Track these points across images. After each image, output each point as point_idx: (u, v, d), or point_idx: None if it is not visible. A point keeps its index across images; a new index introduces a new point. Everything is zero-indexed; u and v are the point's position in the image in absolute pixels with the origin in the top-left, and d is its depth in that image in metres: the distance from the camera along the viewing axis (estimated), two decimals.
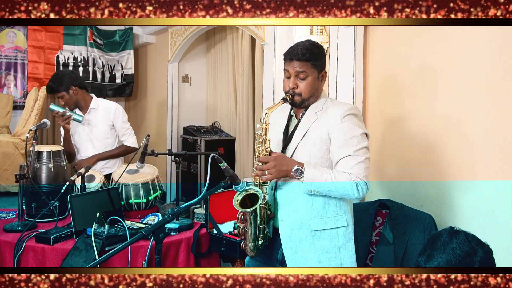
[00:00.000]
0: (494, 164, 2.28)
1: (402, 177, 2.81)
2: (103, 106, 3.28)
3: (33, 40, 5.93)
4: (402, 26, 2.73)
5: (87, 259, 2.16)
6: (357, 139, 1.87)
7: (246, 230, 1.97)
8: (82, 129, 3.25)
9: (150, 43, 6.52)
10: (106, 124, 3.26)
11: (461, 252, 1.29)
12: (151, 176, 2.90)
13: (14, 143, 5.25)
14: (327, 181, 1.83)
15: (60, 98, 3.16)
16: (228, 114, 5.72)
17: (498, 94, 2.26)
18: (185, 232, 2.54)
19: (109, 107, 3.29)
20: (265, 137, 1.90)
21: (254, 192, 1.88)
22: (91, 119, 3.24)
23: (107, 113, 3.26)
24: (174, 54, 5.74)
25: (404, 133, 2.80)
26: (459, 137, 2.45)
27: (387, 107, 2.94)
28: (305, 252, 1.92)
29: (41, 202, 2.60)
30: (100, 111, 3.26)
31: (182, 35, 5.51)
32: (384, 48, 2.96)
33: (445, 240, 1.32)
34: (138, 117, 6.67)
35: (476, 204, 2.35)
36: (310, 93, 1.95)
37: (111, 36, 6.42)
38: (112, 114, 3.26)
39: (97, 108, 3.26)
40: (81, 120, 2.99)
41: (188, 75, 6.11)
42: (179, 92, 6.02)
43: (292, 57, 1.92)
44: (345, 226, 1.95)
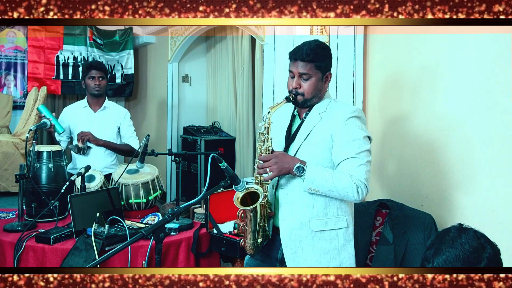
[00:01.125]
0: (494, 164, 2.28)
1: (402, 176, 2.81)
2: (114, 107, 3.41)
3: (33, 40, 5.92)
4: (402, 26, 2.73)
5: (87, 259, 2.16)
6: (359, 142, 1.87)
7: (246, 228, 1.97)
8: (89, 124, 3.28)
9: (150, 43, 6.52)
10: (114, 125, 3.33)
11: (469, 247, 1.29)
12: (151, 176, 2.90)
13: (14, 143, 5.25)
14: (328, 181, 1.83)
15: (99, 78, 3.25)
16: (228, 114, 5.72)
17: (498, 94, 2.26)
18: (185, 232, 2.54)
19: (120, 110, 3.41)
20: (267, 136, 1.91)
21: (255, 190, 1.89)
22: (102, 117, 3.31)
23: (117, 115, 3.35)
24: (174, 54, 5.74)
25: (404, 133, 2.80)
26: (459, 137, 2.45)
27: (387, 106, 2.94)
28: (305, 252, 1.93)
29: (41, 202, 2.60)
30: (111, 111, 3.35)
31: (182, 35, 5.51)
32: (384, 48, 2.96)
33: (454, 235, 1.32)
34: (138, 117, 6.67)
35: (476, 204, 2.35)
36: (313, 94, 1.95)
37: (111, 36, 6.41)
38: (121, 117, 3.37)
39: (109, 108, 3.36)
40: (60, 132, 2.98)
41: (188, 75, 6.11)
42: (179, 92, 6.02)
43: (297, 57, 1.93)
44: (345, 228, 1.95)
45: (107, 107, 3.33)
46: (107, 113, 3.33)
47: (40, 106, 3.03)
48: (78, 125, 3.27)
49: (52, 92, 6.06)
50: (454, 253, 1.29)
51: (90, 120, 3.28)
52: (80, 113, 3.32)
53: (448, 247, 1.30)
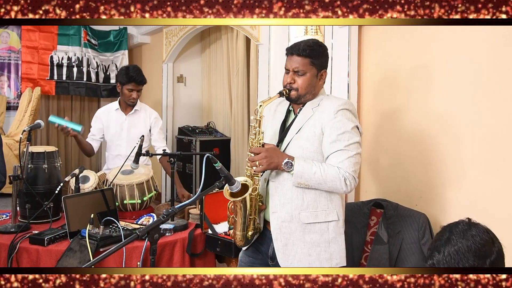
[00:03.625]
0: (486, 162, 2.29)
1: (396, 174, 2.82)
2: (145, 109, 3.43)
3: (26, 41, 5.90)
4: (396, 26, 2.74)
5: (81, 260, 2.15)
6: (349, 134, 1.89)
7: (236, 219, 1.98)
8: (119, 127, 3.31)
9: (145, 43, 6.51)
10: (145, 128, 3.35)
11: (480, 239, 1.31)
12: (146, 176, 2.90)
13: (7, 144, 5.22)
14: (316, 174, 1.85)
15: (137, 91, 3.29)
16: (223, 114, 5.72)
17: (490, 93, 2.28)
18: (180, 233, 2.53)
19: (152, 113, 3.43)
20: (259, 129, 1.94)
21: (244, 182, 1.90)
22: (132, 120, 3.33)
23: (147, 118, 3.38)
24: (169, 54, 5.73)
25: (397, 131, 2.81)
26: (452, 136, 2.46)
27: (382, 106, 2.95)
28: (295, 245, 1.94)
29: (35, 203, 2.59)
30: (142, 114, 3.38)
31: (177, 35, 5.50)
32: (378, 48, 2.97)
33: (464, 228, 1.34)
34: None
35: (469, 203, 2.37)
36: (307, 90, 1.97)
37: (106, 36, 6.40)
38: (152, 120, 3.39)
39: (140, 111, 3.38)
40: (80, 130, 2.96)
41: (183, 75, 6.10)
42: (174, 92, 6.01)
43: (293, 51, 1.96)
44: (335, 221, 1.96)
45: (138, 110, 3.36)
46: (138, 116, 3.36)
47: (50, 118, 2.96)
48: (110, 126, 3.32)
49: (46, 92, 6.04)
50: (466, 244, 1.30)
51: (121, 122, 3.33)
52: (111, 115, 3.36)
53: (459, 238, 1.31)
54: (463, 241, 1.30)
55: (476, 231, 1.32)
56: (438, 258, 1.33)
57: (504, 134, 2.22)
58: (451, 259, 1.30)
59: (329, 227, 1.95)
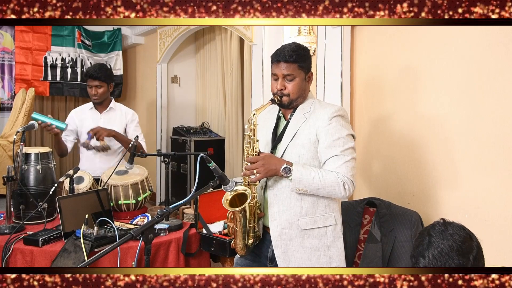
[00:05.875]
0: (477, 162, 2.32)
1: (389, 175, 2.84)
2: (121, 109, 3.40)
3: (20, 41, 5.87)
4: (387, 26, 2.76)
5: (76, 260, 2.16)
6: (343, 140, 1.91)
7: (236, 229, 1.99)
8: (95, 124, 3.26)
9: (139, 44, 6.50)
10: (121, 126, 3.32)
11: (459, 237, 1.33)
12: (140, 177, 2.90)
13: (1, 145, 5.21)
14: (315, 179, 1.86)
15: (96, 87, 3.22)
16: (217, 114, 5.73)
17: (479, 93, 2.30)
18: (174, 233, 2.54)
19: (128, 112, 3.40)
20: (254, 138, 1.94)
21: (243, 192, 1.91)
22: (108, 118, 3.31)
23: (123, 116, 3.36)
24: (163, 55, 5.73)
25: (389, 132, 2.83)
26: (443, 135, 2.49)
27: (374, 106, 2.97)
28: (295, 250, 1.96)
29: (29, 204, 2.59)
30: (118, 112, 3.35)
31: (171, 36, 5.50)
32: (371, 48, 2.99)
33: (441, 229, 1.36)
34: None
35: (461, 201, 2.39)
36: (298, 94, 1.99)
37: (100, 37, 6.38)
38: (129, 118, 3.37)
39: (115, 109, 3.36)
40: (64, 128, 2.94)
41: (177, 76, 6.11)
42: (168, 92, 6.02)
43: (280, 59, 1.97)
44: (333, 225, 1.99)
45: (113, 108, 3.34)
46: (114, 114, 3.34)
47: (33, 115, 2.95)
48: (84, 126, 3.28)
49: (40, 93, 6.02)
50: (447, 244, 1.32)
51: (96, 121, 3.29)
52: (86, 115, 3.33)
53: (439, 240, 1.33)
54: (444, 242, 1.32)
55: (453, 229, 1.35)
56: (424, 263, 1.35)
57: (493, 134, 2.24)
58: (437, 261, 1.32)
59: (327, 232, 1.97)
